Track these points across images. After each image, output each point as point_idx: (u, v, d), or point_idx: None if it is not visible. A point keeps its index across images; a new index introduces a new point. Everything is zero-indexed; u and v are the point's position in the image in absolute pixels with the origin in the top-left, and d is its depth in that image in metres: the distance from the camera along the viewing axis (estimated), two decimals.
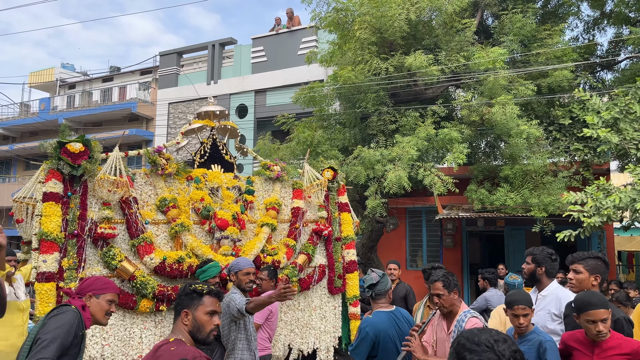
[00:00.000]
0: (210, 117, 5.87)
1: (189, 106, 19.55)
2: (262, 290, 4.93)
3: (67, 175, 4.36)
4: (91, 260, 4.45)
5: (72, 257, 4.27)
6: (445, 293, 3.55)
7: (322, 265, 6.03)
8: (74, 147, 4.32)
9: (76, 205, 4.37)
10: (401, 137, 9.54)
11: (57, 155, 4.28)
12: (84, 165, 4.36)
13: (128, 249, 4.69)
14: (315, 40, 16.74)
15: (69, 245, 4.27)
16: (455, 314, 3.60)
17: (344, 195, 6.52)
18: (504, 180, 9.88)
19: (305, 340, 5.78)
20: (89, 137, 4.45)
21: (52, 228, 4.16)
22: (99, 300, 3.01)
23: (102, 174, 4.45)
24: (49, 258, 4.11)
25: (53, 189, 4.25)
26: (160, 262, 4.62)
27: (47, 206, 4.20)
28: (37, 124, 23.40)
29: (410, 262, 13.12)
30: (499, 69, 9.64)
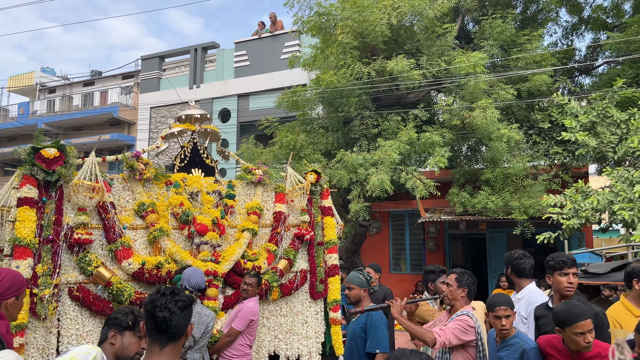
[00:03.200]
0: (191, 121, 5.78)
1: (171, 110, 19.40)
2: (247, 297, 4.89)
3: (42, 181, 4.29)
4: (67, 266, 4.38)
5: (47, 263, 4.18)
6: (455, 286, 3.72)
7: (303, 270, 5.94)
8: (49, 152, 4.27)
9: (51, 211, 4.29)
10: (383, 141, 9.58)
11: (31, 161, 4.23)
12: (59, 171, 4.29)
13: (105, 255, 4.60)
14: (298, 44, 16.76)
15: (43, 251, 4.19)
16: (456, 310, 3.73)
17: (327, 199, 6.39)
18: (485, 184, 9.96)
19: (290, 346, 5.70)
20: (65, 143, 4.38)
21: (26, 233, 4.08)
22: (19, 301, 2.77)
23: (78, 179, 4.37)
24: (22, 264, 4.03)
25: (27, 194, 4.17)
26: (139, 268, 4.55)
27: (21, 211, 4.12)
28: (16, 128, 23.04)
29: (393, 265, 13.15)
30: (480, 73, 9.75)
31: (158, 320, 2.17)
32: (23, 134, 23.70)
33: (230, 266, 5.09)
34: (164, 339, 2.17)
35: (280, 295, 5.60)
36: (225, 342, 4.70)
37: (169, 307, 2.18)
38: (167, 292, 2.24)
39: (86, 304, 4.38)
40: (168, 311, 2.17)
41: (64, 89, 27.19)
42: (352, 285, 4.04)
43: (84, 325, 4.39)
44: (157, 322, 2.18)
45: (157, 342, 2.17)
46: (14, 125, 22.99)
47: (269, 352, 5.56)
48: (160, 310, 2.17)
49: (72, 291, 4.35)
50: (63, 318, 4.30)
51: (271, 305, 5.63)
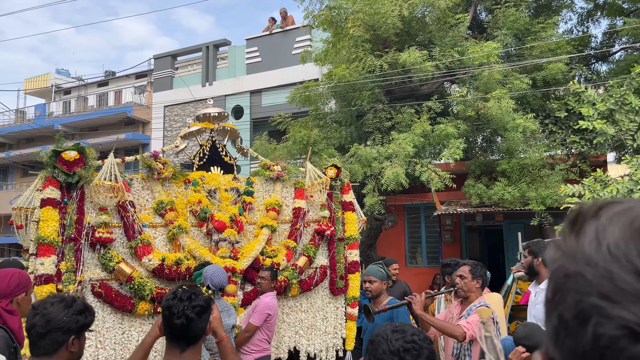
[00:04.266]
0: (209, 120, 5.82)
1: (184, 109, 19.51)
2: (262, 291, 4.93)
3: (64, 183, 4.40)
4: (89, 263, 4.49)
5: (70, 261, 4.31)
6: (469, 277, 3.69)
7: (323, 266, 5.95)
8: (69, 155, 4.37)
9: (73, 211, 4.41)
10: (397, 134, 9.54)
11: (52, 164, 4.33)
12: (80, 172, 4.40)
13: (126, 252, 4.70)
14: (309, 39, 16.72)
15: (66, 249, 4.31)
16: (470, 302, 3.71)
17: (348, 194, 6.33)
18: (502, 175, 9.89)
19: (312, 342, 5.72)
20: (84, 144, 4.47)
21: (49, 232, 4.20)
22: (28, 297, 2.78)
23: (98, 179, 4.48)
24: (47, 261, 4.15)
25: (50, 195, 4.30)
26: (159, 264, 4.64)
27: (44, 211, 4.25)
28: (33, 130, 23.34)
29: (409, 258, 13.12)
30: (494, 63, 9.65)
31: (175, 328, 2.14)
32: (40, 135, 23.99)
33: (249, 263, 5.12)
34: (183, 344, 2.15)
35: (300, 291, 5.62)
36: (244, 338, 4.73)
37: (186, 313, 2.12)
38: (185, 296, 2.16)
39: (108, 300, 4.48)
40: (185, 318, 2.12)
41: (78, 90, 27.48)
42: (373, 278, 4.04)
43: (104, 321, 4.48)
44: (174, 329, 2.14)
45: (176, 347, 2.15)
46: (31, 127, 23.30)
47: (290, 348, 5.59)
48: (178, 318, 2.12)
49: (95, 287, 4.46)
50: None
51: (291, 301, 5.64)
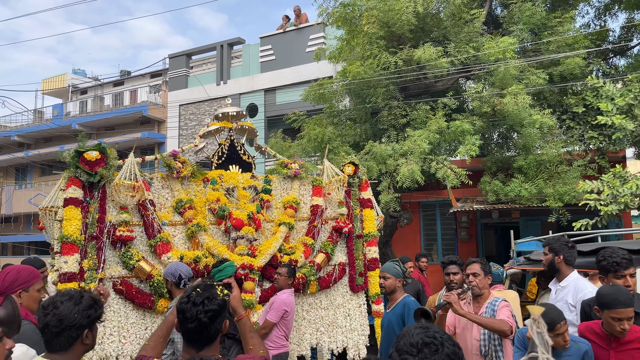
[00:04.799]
0: (227, 119, 5.87)
1: (199, 107, 19.63)
2: (279, 288, 4.96)
3: (86, 182, 4.51)
4: (110, 261, 4.61)
5: (92, 259, 4.42)
6: (482, 275, 3.69)
7: (342, 263, 5.96)
8: (91, 155, 4.49)
9: (95, 210, 4.52)
10: (412, 130, 9.51)
11: (74, 164, 4.44)
12: (101, 172, 4.51)
13: (146, 250, 4.80)
14: (323, 37, 16.73)
15: (88, 247, 4.42)
16: (485, 299, 3.69)
17: (366, 191, 6.35)
18: (518, 171, 9.81)
19: (334, 339, 5.74)
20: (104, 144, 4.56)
21: (72, 231, 4.31)
22: (30, 293, 2.81)
23: (119, 179, 4.57)
24: (70, 259, 4.26)
25: (73, 195, 4.40)
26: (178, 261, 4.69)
27: (67, 210, 4.36)
28: (51, 130, 23.63)
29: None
30: (510, 58, 9.57)
31: (189, 331, 2.13)
32: (58, 135, 24.30)
33: (266, 260, 5.16)
34: (198, 345, 2.15)
35: (319, 288, 5.65)
36: (261, 335, 4.77)
37: (199, 318, 2.11)
38: (198, 300, 2.13)
39: (129, 297, 4.58)
40: (198, 322, 2.11)
41: (95, 89, 27.77)
42: (387, 275, 4.03)
43: (127, 317, 4.58)
44: (189, 332, 2.14)
45: (192, 347, 2.16)
46: (49, 126, 23.60)
47: (311, 345, 5.61)
48: (191, 322, 2.11)
49: (116, 285, 4.56)
50: (107, 310, 4.48)
51: (310, 298, 5.67)
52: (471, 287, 3.67)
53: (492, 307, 3.63)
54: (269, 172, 6.03)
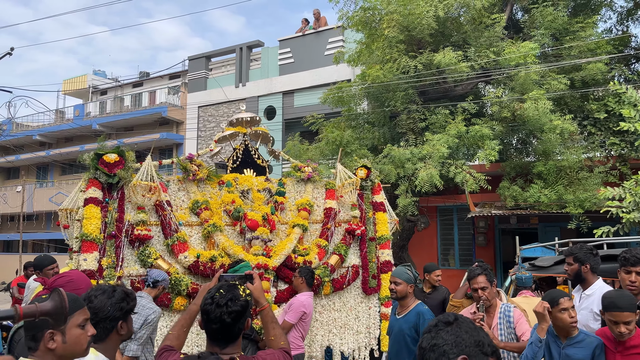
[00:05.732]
0: (242, 124, 5.95)
1: (218, 109, 19.76)
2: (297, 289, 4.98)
3: (105, 183, 4.61)
4: (128, 259, 4.67)
5: (111, 257, 4.50)
6: (489, 285, 3.62)
7: (355, 265, 5.98)
8: (110, 157, 4.60)
9: (114, 210, 4.62)
10: (431, 134, 9.47)
11: (94, 166, 4.56)
12: (120, 174, 4.61)
13: (163, 250, 4.86)
14: (342, 40, 16.74)
15: (107, 246, 4.50)
16: (494, 308, 3.62)
17: (379, 194, 6.38)
18: (537, 177, 9.70)
19: (345, 341, 5.75)
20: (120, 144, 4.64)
21: (92, 229, 4.40)
22: None
23: (136, 180, 4.66)
24: (89, 257, 4.34)
25: (92, 195, 4.51)
26: (194, 260, 4.78)
27: (87, 209, 4.45)
28: (72, 129, 23.99)
29: (442, 260, 13.00)
30: (531, 63, 9.47)
31: (213, 330, 2.18)
32: (79, 135, 24.65)
33: (281, 260, 5.20)
34: (222, 343, 2.20)
35: (332, 290, 5.66)
36: None
37: (222, 318, 2.15)
38: (222, 301, 2.16)
39: None
40: (222, 323, 2.15)
41: (115, 90, 28.14)
42: (398, 280, 3.95)
43: None
44: (212, 332, 2.19)
45: (216, 345, 2.20)
46: (70, 126, 23.95)
47: (322, 346, 5.62)
48: (215, 323, 2.16)
49: (134, 283, 4.61)
50: None
51: (324, 300, 5.68)
52: (482, 302, 3.60)
53: (507, 318, 3.57)
54: (286, 175, 6.07)
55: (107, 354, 2.32)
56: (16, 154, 26.04)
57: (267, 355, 2.33)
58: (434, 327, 1.55)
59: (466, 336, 1.48)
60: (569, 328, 3.17)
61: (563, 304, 3.14)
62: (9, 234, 26.93)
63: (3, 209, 25.28)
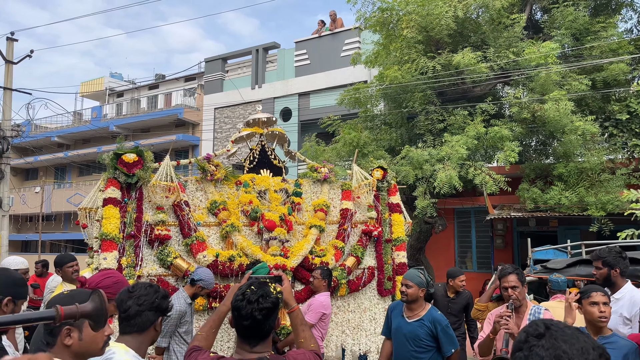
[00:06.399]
0: (258, 125, 5.97)
1: (234, 111, 19.82)
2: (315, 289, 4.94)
3: (124, 183, 4.64)
4: (147, 259, 4.70)
5: (130, 256, 4.53)
6: (520, 285, 3.54)
7: (371, 267, 5.97)
8: (129, 157, 4.63)
9: (132, 210, 4.65)
10: (450, 136, 9.38)
11: (113, 166, 4.58)
12: (138, 174, 4.64)
13: (182, 250, 4.87)
14: (359, 41, 16.69)
15: (126, 246, 4.54)
16: (524, 309, 3.56)
17: (395, 196, 6.37)
18: (558, 179, 9.56)
19: (357, 342, 5.75)
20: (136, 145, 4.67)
21: (111, 229, 4.43)
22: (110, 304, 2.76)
23: (155, 180, 4.67)
24: (109, 256, 4.37)
25: (112, 195, 4.54)
26: (213, 260, 4.78)
27: (106, 209, 4.49)
28: (90, 131, 24.24)
29: (459, 263, 12.87)
30: (551, 64, 9.33)
31: (244, 327, 2.17)
32: (96, 136, 24.91)
33: (298, 261, 5.20)
34: (253, 341, 2.19)
35: (348, 291, 5.67)
36: None
37: (254, 315, 2.14)
38: (253, 298, 2.16)
39: None
40: (253, 320, 2.15)
41: (131, 92, 28.40)
42: (410, 282, 3.86)
43: None
44: (243, 329, 2.18)
45: (246, 343, 2.19)
46: (87, 128, 24.21)
47: (336, 347, 5.60)
48: (246, 319, 2.15)
49: (153, 282, 4.57)
50: None
51: (339, 301, 5.70)
52: (512, 301, 3.52)
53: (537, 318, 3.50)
54: (302, 176, 6.05)
55: (140, 350, 2.30)
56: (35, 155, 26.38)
57: (298, 355, 2.30)
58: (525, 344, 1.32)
59: (566, 346, 1.25)
60: (596, 322, 3.07)
61: (594, 298, 3.07)
62: (28, 234, 27.29)
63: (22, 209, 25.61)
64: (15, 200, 24.19)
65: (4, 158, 14.52)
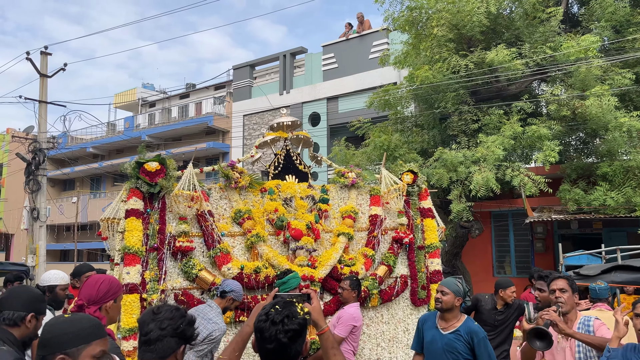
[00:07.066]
0: (283, 129, 5.81)
1: (262, 117, 19.80)
2: (344, 300, 4.74)
3: (146, 193, 4.50)
4: (171, 272, 4.53)
5: (154, 270, 4.38)
6: (570, 291, 3.39)
7: (403, 275, 5.71)
8: (151, 166, 4.50)
9: (155, 221, 4.50)
10: (485, 136, 9.03)
11: (135, 175, 4.45)
12: (161, 183, 4.49)
13: (206, 261, 4.71)
14: (387, 42, 16.42)
15: (149, 259, 4.39)
16: (573, 319, 3.37)
17: (427, 200, 6.09)
18: (602, 179, 9.08)
19: (394, 355, 5.50)
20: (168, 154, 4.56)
21: (134, 242, 4.30)
22: (117, 304, 2.77)
23: (178, 189, 4.53)
24: (132, 270, 4.24)
25: (134, 206, 4.40)
26: (238, 272, 4.61)
27: (129, 222, 4.35)
28: (123, 141, 24.66)
29: (497, 268, 12.41)
30: (592, 58, 8.86)
31: (268, 352, 1.95)
32: (129, 146, 25.30)
33: (327, 271, 5.01)
34: None
35: (380, 302, 5.43)
36: None
37: (278, 338, 1.93)
38: (277, 319, 1.95)
39: (191, 308, 4.44)
40: (278, 343, 1.93)
41: (162, 102, 28.82)
42: (446, 289, 3.67)
43: None
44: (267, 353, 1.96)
45: None
46: (121, 138, 24.61)
47: None
48: (270, 342, 1.94)
49: (178, 296, 4.49)
50: None
51: (371, 312, 5.47)
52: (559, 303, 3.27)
53: (587, 328, 3.28)
54: (332, 181, 5.84)
55: None
56: (71, 166, 26.97)
57: None
58: None
59: None
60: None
61: (638, 309, 2.88)
62: (66, 244, 27.90)
63: (60, 219, 26.19)
64: (53, 210, 24.79)
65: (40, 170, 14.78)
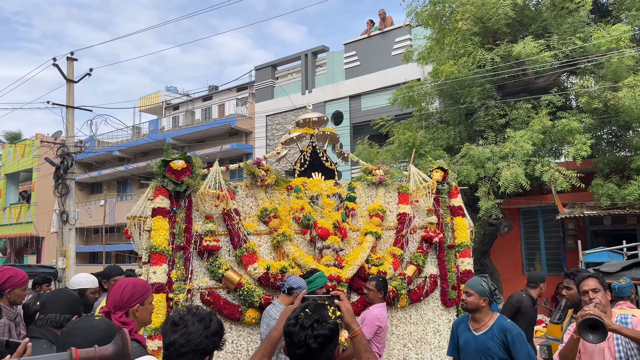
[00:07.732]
0: (309, 125, 5.72)
1: (285, 117, 19.78)
2: (370, 301, 4.66)
3: (173, 192, 4.49)
4: (197, 272, 4.51)
5: (180, 269, 4.36)
6: (602, 290, 3.28)
7: (433, 275, 5.59)
8: (177, 164, 4.49)
9: (182, 219, 4.49)
10: (513, 131, 8.82)
11: (162, 173, 4.45)
12: (187, 181, 4.48)
13: (232, 261, 4.68)
14: (410, 38, 16.22)
15: (176, 258, 4.38)
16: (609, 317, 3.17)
17: (457, 198, 5.94)
18: (636, 172, 8.78)
19: (422, 357, 5.39)
20: (190, 154, 4.57)
21: (160, 241, 4.30)
22: (145, 306, 2.69)
23: (204, 188, 4.50)
24: (159, 269, 4.24)
25: (160, 205, 4.40)
26: (264, 272, 4.56)
27: (155, 221, 4.35)
28: (148, 144, 24.92)
29: (527, 266, 12.13)
30: (624, 47, 8.56)
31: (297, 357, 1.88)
32: (154, 148, 25.58)
33: (354, 271, 4.92)
34: None
35: (409, 302, 5.33)
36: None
37: (308, 343, 1.85)
38: (307, 323, 1.87)
39: (217, 308, 4.46)
40: (307, 349, 1.85)
41: (186, 105, 29.08)
42: (470, 290, 3.55)
43: None
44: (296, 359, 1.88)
45: None
46: (145, 141, 24.89)
47: None
48: (299, 348, 1.86)
49: (204, 296, 4.47)
50: None
51: (400, 312, 5.37)
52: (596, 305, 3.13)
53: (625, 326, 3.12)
54: (357, 179, 5.73)
55: None
56: (98, 169, 27.38)
57: None
58: None
59: None
60: None
61: None
62: (94, 246, 28.35)
63: (88, 222, 26.60)
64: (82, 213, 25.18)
65: (69, 174, 14.99)
